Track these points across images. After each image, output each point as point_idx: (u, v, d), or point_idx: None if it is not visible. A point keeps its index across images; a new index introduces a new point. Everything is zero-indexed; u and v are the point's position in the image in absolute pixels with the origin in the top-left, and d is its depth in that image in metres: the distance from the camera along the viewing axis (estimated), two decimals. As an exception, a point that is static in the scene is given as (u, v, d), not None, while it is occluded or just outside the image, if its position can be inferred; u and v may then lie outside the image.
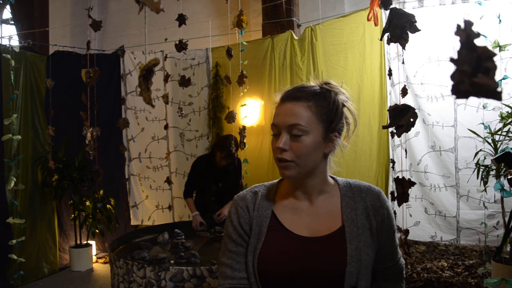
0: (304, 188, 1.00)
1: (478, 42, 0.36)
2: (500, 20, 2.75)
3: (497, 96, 0.36)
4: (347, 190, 1.01)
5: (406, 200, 1.78)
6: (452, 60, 0.37)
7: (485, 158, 2.95)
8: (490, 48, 0.36)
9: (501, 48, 2.70)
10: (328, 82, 1.02)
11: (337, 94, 1.00)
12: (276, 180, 1.08)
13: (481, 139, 2.99)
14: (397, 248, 1.05)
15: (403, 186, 1.68)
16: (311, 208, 1.00)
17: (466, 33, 0.35)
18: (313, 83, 1.02)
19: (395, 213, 2.53)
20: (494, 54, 0.35)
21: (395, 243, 1.03)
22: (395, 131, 1.19)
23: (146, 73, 0.59)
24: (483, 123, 2.97)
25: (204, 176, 3.25)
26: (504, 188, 2.64)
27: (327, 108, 0.95)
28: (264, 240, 0.97)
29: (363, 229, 0.96)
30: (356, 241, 0.93)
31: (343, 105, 1.00)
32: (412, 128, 1.18)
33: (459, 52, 0.36)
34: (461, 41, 0.36)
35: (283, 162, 0.94)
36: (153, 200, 4.46)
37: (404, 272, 1.09)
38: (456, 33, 0.36)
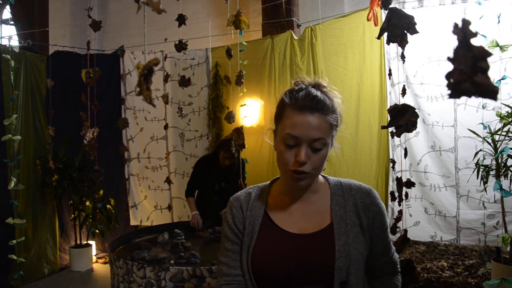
0: (302, 189, 1.02)
1: (476, 41, 0.36)
2: (499, 20, 2.75)
3: (495, 96, 0.36)
4: (337, 189, 1.04)
5: (401, 199, 1.78)
6: (450, 59, 0.37)
7: (484, 158, 2.95)
8: (486, 48, 0.36)
9: (502, 48, 2.70)
10: (323, 84, 1.00)
11: (339, 100, 1.01)
12: (268, 182, 1.11)
13: (481, 139, 2.99)
14: (390, 243, 1.07)
15: (400, 186, 1.69)
16: (302, 207, 1.02)
17: (463, 32, 0.36)
18: (307, 81, 1.01)
19: (400, 212, 2.53)
20: (490, 54, 0.35)
21: (388, 239, 1.05)
22: (395, 131, 1.19)
23: (147, 73, 0.59)
24: (482, 123, 2.97)
25: (207, 175, 3.24)
26: (503, 188, 2.64)
27: (335, 118, 0.97)
28: (257, 238, 1.00)
29: (352, 226, 0.97)
30: (345, 237, 0.95)
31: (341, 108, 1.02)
32: (412, 128, 1.18)
33: (456, 51, 0.36)
34: (458, 40, 0.36)
35: (300, 174, 0.94)
36: (152, 201, 4.45)
37: (398, 265, 1.12)
38: (454, 32, 0.36)
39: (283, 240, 0.98)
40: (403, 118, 1.18)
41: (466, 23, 0.35)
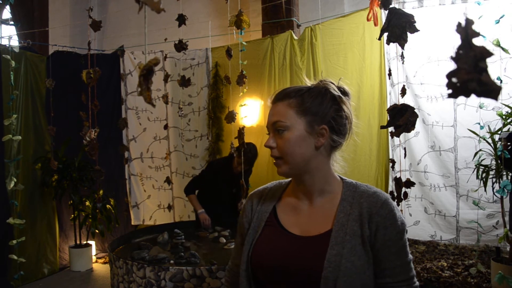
0: (303, 187, 1.01)
1: (477, 41, 0.36)
2: (498, 21, 2.75)
3: (497, 96, 0.36)
4: (349, 194, 0.98)
5: (400, 199, 1.78)
6: (453, 58, 0.37)
7: (483, 158, 2.96)
8: (487, 47, 0.36)
9: (504, 50, 2.69)
10: (322, 79, 1.03)
11: (327, 88, 0.99)
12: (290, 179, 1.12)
13: (481, 139, 3.00)
14: (401, 266, 0.93)
15: (399, 186, 1.69)
16: (310, 208, 1.01)
17: (466, 31, 0.36)
18: (309, 83, 1.03)
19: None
20: (491, 54, 0.35)
21: (397, 259, 0.92)
22: (394, 131, 1.19)
23: (147, 73, 0.59)
24: (478, 123, 2.98)
25: (220, 181, 3.20)
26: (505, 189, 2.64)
27: (308, 101, 0.97)
28: (260, 234, 1.02)
29: (351, 236, 0.91)
30: (339, 247, 0.90)
31: (333, 99, 0.99)
32: (412, 128, 1.18)
33: (458, 50, 0.36)
34: (461, 39, 0.36)
35: (275, 160, 0.99)
36: (155, 200, 4.46)
37: None
38: (457, 31, 0.36)
39: (282, 240, 0.98)
40: (402, 118, 1.18)
41: (469, 22, 0.35)
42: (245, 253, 1.01)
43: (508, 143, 2.59)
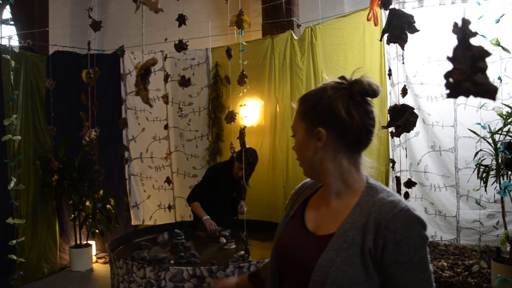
0: (324, 187, 1.02)
1: (475, 41, 0.36)
2: (497, 20, 2.74)
3: (494, 96, 0.36)
4: (366, 200, 0.92)
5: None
6: (449, 58, 0.37)
7: (484, 158, 2.95)
8: (485, 47, 0.36)
9: (504, 49, 2.68)
10: (342, 76, 1.02)
11: (324, 87, 0.96)
12: None
13: (481, 139, 2.99)
14: (417, 282, 0.84)
15: (399, 186, 1.69)
16: (327, 208, 0.99)
17: (463, 31, 0.35)
18: (327, 79, 1.01)
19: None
20: (489, 54, 0.35)
21: (411, 276, 0.83)
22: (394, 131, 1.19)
23: (144, 73, 0.59)
24: (479, 123, 2.97)
25: (219, 185, 3.18)
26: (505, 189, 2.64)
27: (309, 105, 0.99)
28: (286, 224, 1.07)
29: (350, 245, 0.86)
30: (333, 254, 0.87)
31: (331, 98, 0.94)
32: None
33: (455, 50, 0.36)
34: (458, 39, 0.36)
35: None
36: (156, 200, 4.46)
37: None
38: (453, 31, 0.36)
39: (297, 234, 1.01)
40: (402, 119, 1.18)
41: (465, 22, 0.35)
42: (275, 238, 1.06)
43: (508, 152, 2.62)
